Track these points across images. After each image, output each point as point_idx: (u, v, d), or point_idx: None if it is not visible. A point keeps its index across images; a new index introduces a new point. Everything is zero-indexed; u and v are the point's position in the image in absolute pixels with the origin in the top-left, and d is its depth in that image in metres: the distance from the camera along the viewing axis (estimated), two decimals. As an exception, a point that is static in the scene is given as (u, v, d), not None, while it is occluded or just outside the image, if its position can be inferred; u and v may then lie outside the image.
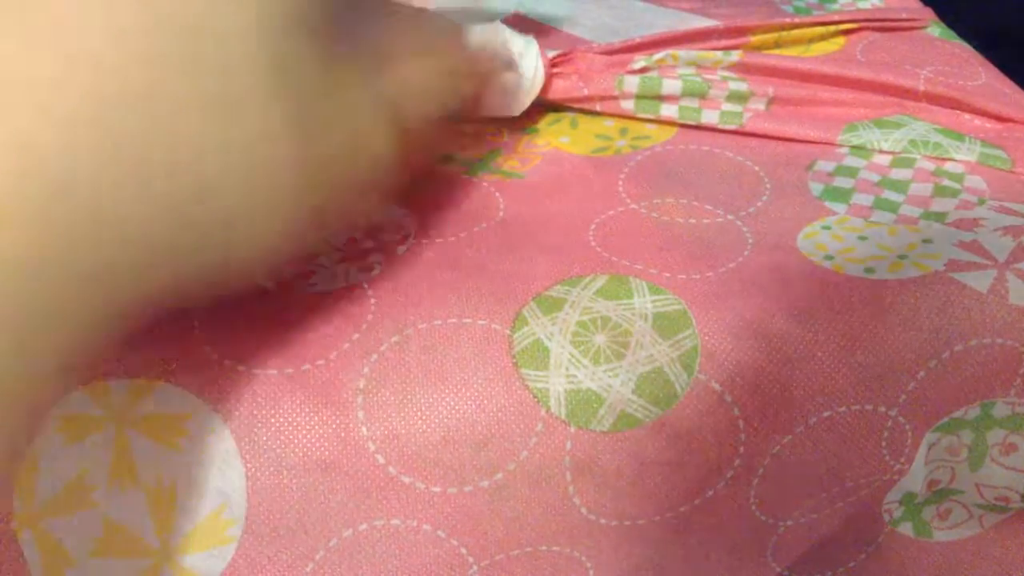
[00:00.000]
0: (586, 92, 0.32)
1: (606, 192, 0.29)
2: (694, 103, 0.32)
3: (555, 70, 0.32)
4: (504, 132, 0.32)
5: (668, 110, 0.32)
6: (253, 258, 0.21)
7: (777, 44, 0.36)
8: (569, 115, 0.33)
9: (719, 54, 0.33)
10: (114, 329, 0.19)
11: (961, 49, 0.36)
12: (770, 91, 0.32)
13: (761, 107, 0.32)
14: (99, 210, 0.18)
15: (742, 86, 0.32)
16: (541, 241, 0.27)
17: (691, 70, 0.32)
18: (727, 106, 0.32)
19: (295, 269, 0.26)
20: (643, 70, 0.32)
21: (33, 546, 0.22)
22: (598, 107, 0.32)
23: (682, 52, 0.32)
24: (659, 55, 0.32)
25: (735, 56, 0.33)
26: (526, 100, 0.31)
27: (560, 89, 0.32)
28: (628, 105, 0.32)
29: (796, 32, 0.36)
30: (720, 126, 0.32)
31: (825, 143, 0.31)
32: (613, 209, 0.28)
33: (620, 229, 0.27)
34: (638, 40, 0.33)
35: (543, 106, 0.33)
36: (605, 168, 0.30)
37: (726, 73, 0.33)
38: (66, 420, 0.22)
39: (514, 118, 0.32)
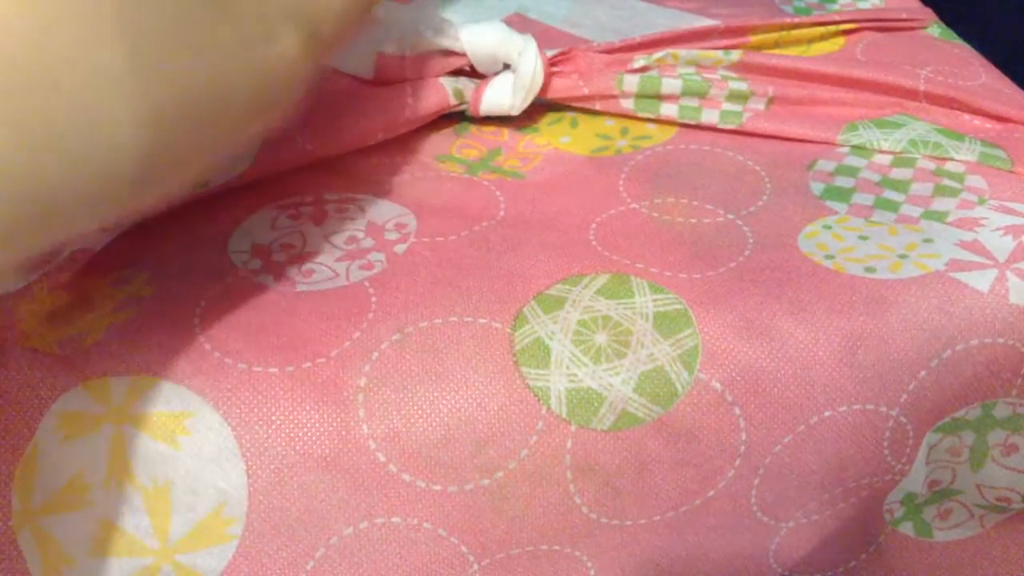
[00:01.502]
0: (586, 91, 0.32)
1: (607, 192, 0.29)
2: (694, 102, 0.32)
3: (555, 69, 0.32)
4: (504, 131, 0.32)
5: (668, 109, 0.32)
6: (173, 180, 0.20)
7: (777, 44, 0.36)
8: (569, 115, 0.33)
9: (719, 53, 0.33)
10: None
11: (961, 49, 0.36)
12: (770, 91, 0.32)
13: (761, 107, 0.32)
14: None
15: (742, 86, 0.32)
16: (542, 240, 0.26)
17: (691, 69, 0.32)
18: (727, 105, 0.32)
19: (296, 270, 0.26)
20: (643, 69, 0.32)
21: (32, 545, 0.22)
22: (598, 106, 0.32)
23: (682, 51, 0.32)
24: (659, 54, 0.32)
25: (735, 56, 0.33)
26: (526, 99, 0.31)
27: (560, 88, 0.32)
28: (628, 104, 0.32)
29: (796, 32, 0.36)
30: (720, 126, 0.32)
31: (825, 143, 0.31)
32: (614, 208, 0.28)
33: (621, 228, 0.27)
34: (638, 39, 0.33)
35: (543, 105, 0.33)
36: (606, 168, 0.30)
37: (726, 72, 0.33)
38: (65, 417, 0.22)
39: (514, 117, 0.32)
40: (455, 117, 0.33)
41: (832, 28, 0.36)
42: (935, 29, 0.37)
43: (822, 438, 0.24)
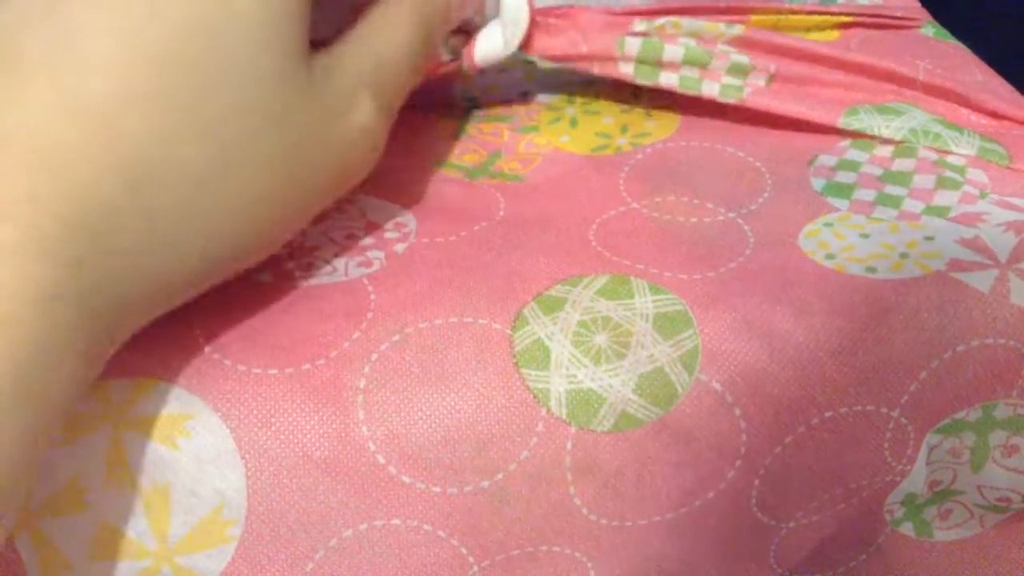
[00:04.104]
0: (584, 50, 0.31)
1: (607, 191, 0.29)
2: (695, 73, 0.31)
3: (552, 22, 0.31)
4: (504, 131, 0.32)
5: (668, 78, 0.31)
6: (261, 252, 0.23)
7: (774, 29, 0.35)
8: (569, 113, 0.33)
9: (721, 26, 0.32)
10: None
11: (956, 49, 0.36)
12: (772, 67, 0.31)
13: (762, 83, 0.31)
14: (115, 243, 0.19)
15: (743, 59, 0.31)
16: (542, 241, 0.26)
17: (692, 41, 0.31)
18: (728, 79, 0.31)
19: (294, 264, 0.26)
20: (644, 34, 0.31)
21: (30, 548, 0.22)
22: (595, 69, 0.31)
23: (684, 20, 0.32)
24: (660, 21, 0.31)
25: (737, 29, 0.32)
26: (515, 33, 0.30)
27: (558, 46, 0.31)
28: (627, 69, 0.31)
29: (794, 19, 0.35)
30: (720, 99, 0.31)
31: (826, 125, 0.30)
32: (614, 209, 0.28)
33: (621, 229, 0.27)
34: (640, 6, 0.33)
35: (543, 104, 0.33)
36: (606, 167, 0.30)
37: (727, 47, 0.32)
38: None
39: (513, 117, 0.32)
40: (455, 119, 0.32)
41: (829, 19, 0.36)
42: (929, 29, 0.37)
43: (823, 439, 0.24)
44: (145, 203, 0.19)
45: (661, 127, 0.32)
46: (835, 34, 0.36)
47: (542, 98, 0.32)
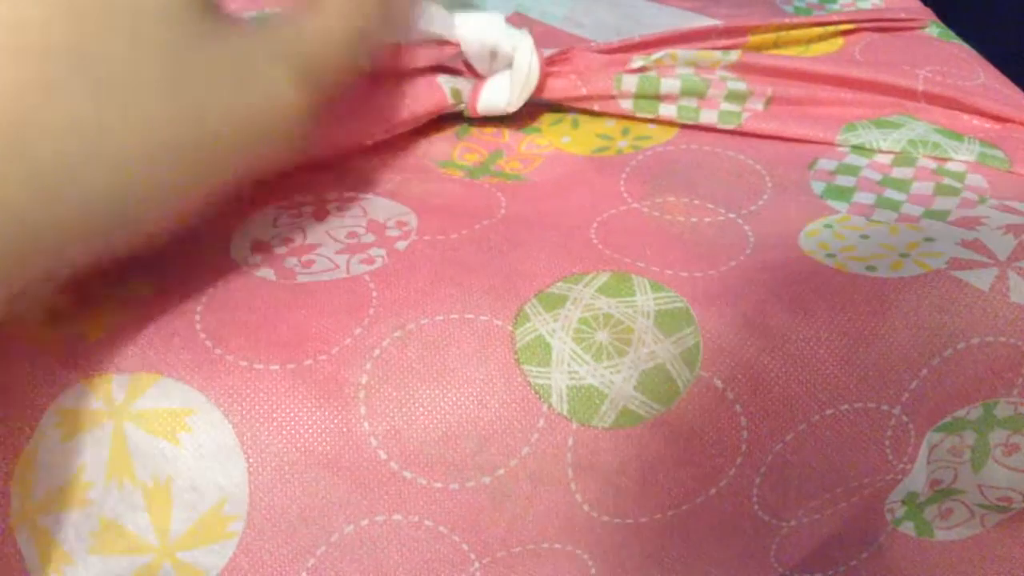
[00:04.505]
0: (584, 91, 0.32)
1: (608, 192, 0.29)
2: (692, 103, 0.32)
3: (553, 69, 0.32)
4: (505, 132, 0.32)
5: (667, 110, 0.32)
6: (159, 215, 0.22)
7: (776, 45, 0.36)
8: (570, 115, 0.33)
9: (717, 54, 0.33)
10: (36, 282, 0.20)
11: (960, 49, 0.36)
12: (768, 91, 0.32)
13: (759, 107, 0.32)
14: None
15: (740, 86, 0.32)
16: (543, 239, 0.26)
17: (689, 70, 0.32)
18: (725, 105, 0.32)
19: (296, 261, 0.26)
20: (641, 69, 0.32)
21: (30, 544, 0.22)
22: (596, 107, 0.32)
23: (680, 52, 0.32)
24: (657, 55, 0.32)
25: (733, 56, 0.33)
26: (521, 96, 0.31)
27: (558, 89, 0.32)
28: (626, 105, 0.32)
29: (795, 33, 0.36)
30: (719, 126, 0.32)
31: (824, 143, 0.31)
32: (615, 208, 0.28)
33: (622, 228, 0.27)
34: (637, 40, 0.33)
35: (544, 106, 0.33)
36: (607, 168, 0.30)
37: (724, 73, 0.33)
38: (66, 414, 0.22)
39: (515, 118, 0.32)
40: (456, 119, 0.32)
41: (831, 29, 0.36)
42: (934, 29, 0.37)
43: (824, 436, 0.24)
44: (23, 150, 0.19)
45: (662, 130, 0.32)
46: (839, 42, 0.36)
47: (541, 100, 0.32)
